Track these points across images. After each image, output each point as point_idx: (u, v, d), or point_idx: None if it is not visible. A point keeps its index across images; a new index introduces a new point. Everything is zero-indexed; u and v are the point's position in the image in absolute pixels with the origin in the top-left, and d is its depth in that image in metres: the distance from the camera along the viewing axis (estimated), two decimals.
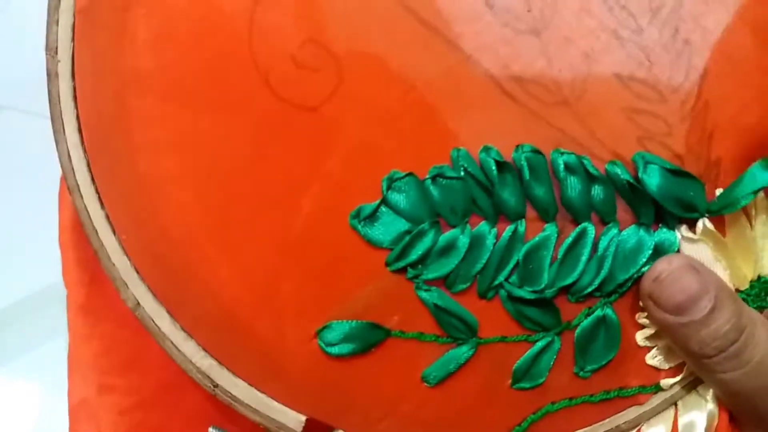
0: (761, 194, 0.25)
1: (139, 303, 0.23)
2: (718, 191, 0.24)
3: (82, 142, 0.23)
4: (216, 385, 0.24)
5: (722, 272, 0.25)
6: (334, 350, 0.24)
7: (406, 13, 0.23)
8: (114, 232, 0.23)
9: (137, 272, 0.23)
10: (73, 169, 0.22)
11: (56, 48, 0.22)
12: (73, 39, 0.22)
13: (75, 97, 0.22)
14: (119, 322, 0.27)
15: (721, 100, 0.24)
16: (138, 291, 0.23)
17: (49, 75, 0.22)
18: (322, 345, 0.24)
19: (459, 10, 0.23)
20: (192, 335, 0.24)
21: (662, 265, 0.24)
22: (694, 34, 0.24)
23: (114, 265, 0.23)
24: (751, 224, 0.25)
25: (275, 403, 0.24)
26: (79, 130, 0.23)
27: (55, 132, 0.22)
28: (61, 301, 0.28)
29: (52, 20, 0.22)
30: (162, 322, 0.23)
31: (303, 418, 0.25)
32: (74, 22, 0.22)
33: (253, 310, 0.24)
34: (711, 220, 0.24)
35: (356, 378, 0.24)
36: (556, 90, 0.24)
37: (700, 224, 0.24)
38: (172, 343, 0.24)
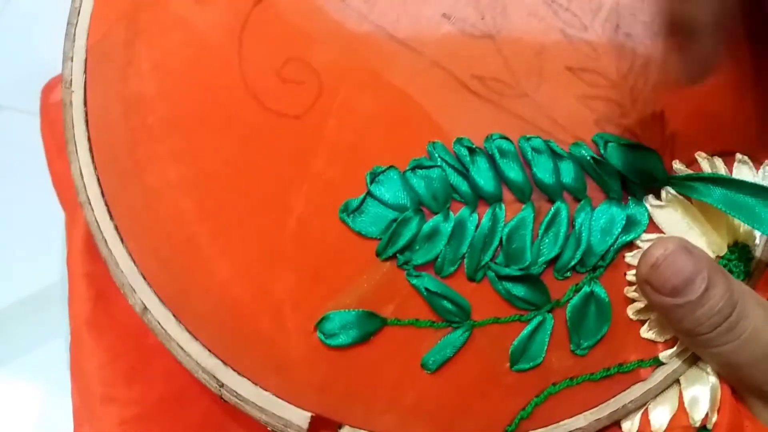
0: (719, 161, 0.27)
1: (146, 307, 0.25)
2: (675, 163, 0.26)
3: (93, 161, 0.25)
4: (222, 385, 0.25)
5: (698, 239, 0.26)
6: (334, 341, 0.25)
7: (375, 29, 0.26)
8: (122, 241, 0.25)
9: (144, 278, 0.25)
10: (84, 185, 0.25)
11: (71, 81, 0.25)
12: (85, 72, 0.25)
13: (87, 122, 0.25)
14: (123, 336, 0.28)
15: (667, 82, 0.27)
16: (144, 295, 0.25)
17: (64, 105, 0.25)
18: (322, 337, 0.25)
19: (420, 23, 0.26)
20: (197, 336, 0.25)
21: (658, 250, 0.24)
22: (634, 27, 0.27)
23: (122, 271, 0.25)
24: None
25: (280, 401, 0.25)
26: (90, 151, 0.25)
27: (69, 153, 0.25)
28: (61, 301, 0.28)
29: (67, 57, 0.25)
30: (168, 325, 0.25)
31: (308, 414, 0.25)
32: (86, 58, 0.25)
33: (253, 308, 0.25)
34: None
35: (358, 368, 0.25)
36: (515, 84, 0.26)
37: (664, 192, 0.26)
38: (178, 344, 0.25)
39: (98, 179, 0.25)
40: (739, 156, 0.27)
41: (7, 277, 0.40)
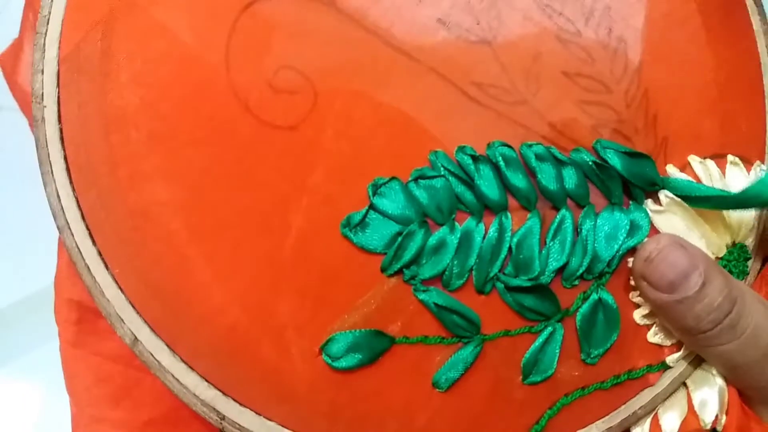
0: (712, 164, 0.27)
1: (136, 338, 0.23)
2: (669, 167, 0.26)
3: (71, 182, 0.23)
4: (223, 417, 0.23)
5: (698, 241, 0.26)
6: (341, 363, 0.23)
7: (369, 36, 0.25)
8: (107, 268, 0.23)
9: (132, 306, 0.23)
10: (62, 208, 0.23)
11: (42, 95, 0.23)
12: (57, 85, 0.23)
13: (62, 139, 0.23)
14: (111, 357, 0.26)
15: (658, 87, 0.27)
16: (134, 325, 0.23)
17: (35, 121, 0.23)
18: (328, 360, 0.23)
19: (416, 29, 0.25)
20: (193, 367, 0.23)
21: (651, 245, 0.24)
22: (626, 32, 0.27)
23: (108, 300, 0.22)
24: None
25: (286, 430, 0.23)
26: (67, 170, 0.23)
27: (43, 174, 0.23)
28: None
29: (37, 70, 0.23)
30: (161, 356, 0.23)
31: None
32: (58, 70, 0.23)
33: (252, 334, 0.23)
34: None
35: (367, 391, 0.24)
36: (513, 90, 0.26)
37: (662, 196, 0.26)
38: (173, 376, 0.23)
39: (77, 201, 0.23)
40: (730, 158, 0.27)
41: (7, 277, 0.40)
